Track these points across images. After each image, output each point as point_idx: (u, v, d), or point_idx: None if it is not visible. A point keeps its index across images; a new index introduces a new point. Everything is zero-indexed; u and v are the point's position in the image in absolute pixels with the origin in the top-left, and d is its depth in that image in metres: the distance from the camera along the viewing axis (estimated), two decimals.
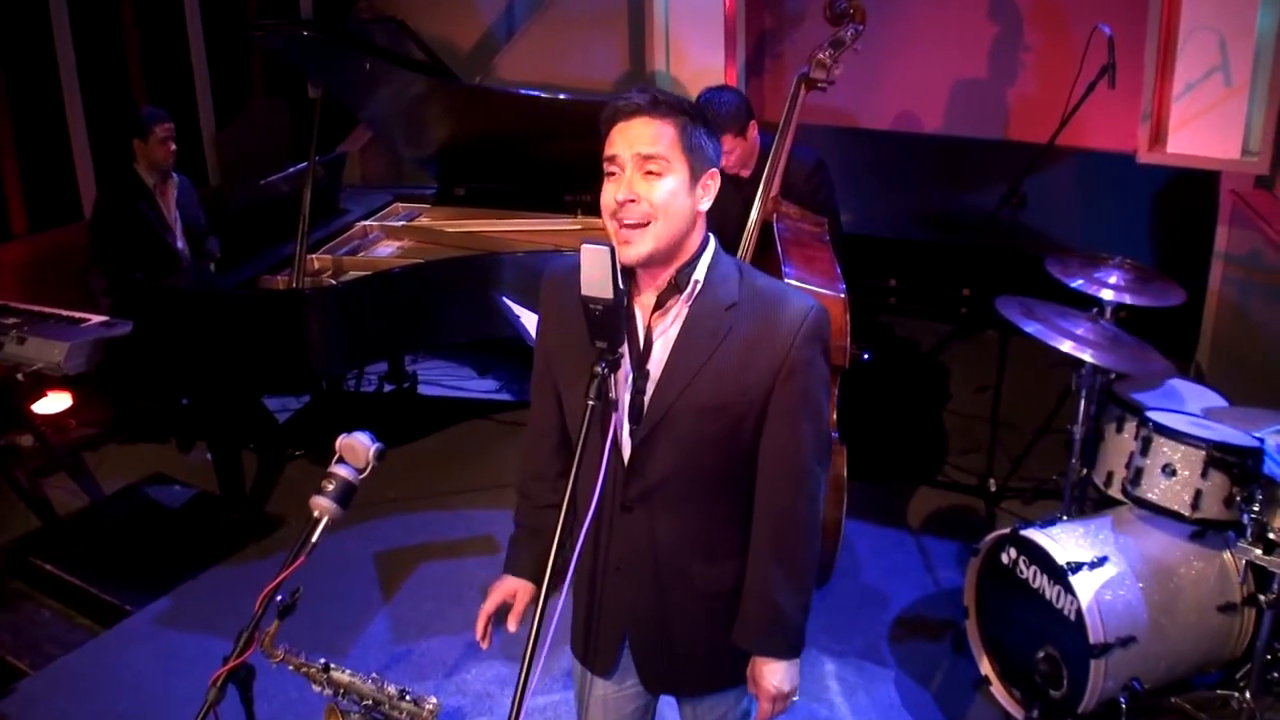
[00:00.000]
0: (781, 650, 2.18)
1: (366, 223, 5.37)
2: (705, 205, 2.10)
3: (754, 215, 4.01)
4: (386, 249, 5.23)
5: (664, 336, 2.10)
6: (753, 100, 4.16)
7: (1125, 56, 4.14)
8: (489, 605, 2.35)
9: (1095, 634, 3.20)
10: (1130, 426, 3.72)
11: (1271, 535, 3.19)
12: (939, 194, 6.36)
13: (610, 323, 1.98)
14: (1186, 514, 3.32)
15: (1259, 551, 3.14)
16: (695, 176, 2.06)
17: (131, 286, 4.71)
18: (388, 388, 6.04)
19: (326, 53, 4.61)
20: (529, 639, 1.90)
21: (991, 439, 4.88)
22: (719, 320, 2.08)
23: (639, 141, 2.02)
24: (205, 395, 4.59)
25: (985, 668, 3.64)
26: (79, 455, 4.88)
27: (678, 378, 2.08)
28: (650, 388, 2.10)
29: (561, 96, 5.12)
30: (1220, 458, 3.26)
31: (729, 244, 4.31)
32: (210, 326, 4.37)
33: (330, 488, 2.23)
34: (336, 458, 2.27)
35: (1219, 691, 3.46)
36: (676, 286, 2.09)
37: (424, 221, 5.48)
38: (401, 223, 5.44)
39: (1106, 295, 3.91)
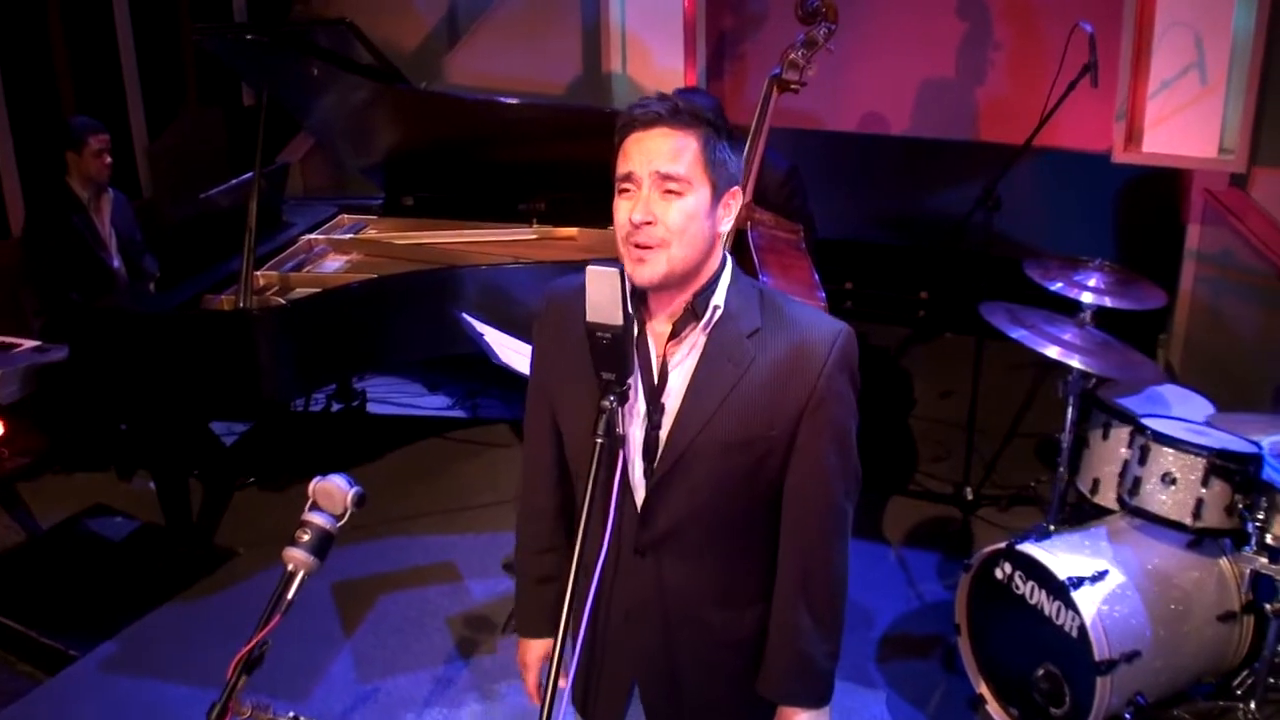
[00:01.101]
0: (810, 700, 2.02)
1: (311, 236, 5.12)
2: (726, 226, 1.92)
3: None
4: (334, 263, 5.00)
5: (680, 367, 1.92)
6: None
7: (1099, 54, 4.06)
8: (533, 683, 2.22)
9: (1100, 651, 3.10)
10: (1120, 433, 3.64)
11: (1271, 542, 3.11)
12: (895, 196, 6.27)
13: (618, 352, 1.81)
14: (1189, 523, 3.23)
15: (1265, 560, 3.05)
16: (717, 195, 1.88)
17: (67, 307, 4.43)
18: (335, 407, 5.80)
19: (271, 57, 4.37)
20: (545, 689, 1.76)
21: (968, 447, 4.78)
22: (741, 348, 1.90)
23: (658, 157, 1.84)
24: (147, 423, 4.33)
25: (980, 687, 3.52)
26: (13, 487, 4.60)
27: (698, 412, 1.90)
28: (667, 423, 1.92)
29: (514, 101, 4.94)
30: (1222, 465, 3.18)
31: None
32: (152, 350, 4.12)
33: (305, 538, 2.02)
34: (310, 503, 2.06)
35: (1222, 703, 3.38)
36: (694, 313, 1.91)
37: (372, 234, 5.25)
38: (349, 235, 5.21)
39: (1087, 298, 3.82)
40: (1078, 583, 3.16)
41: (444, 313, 4.46)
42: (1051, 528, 3.83)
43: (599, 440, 1.80)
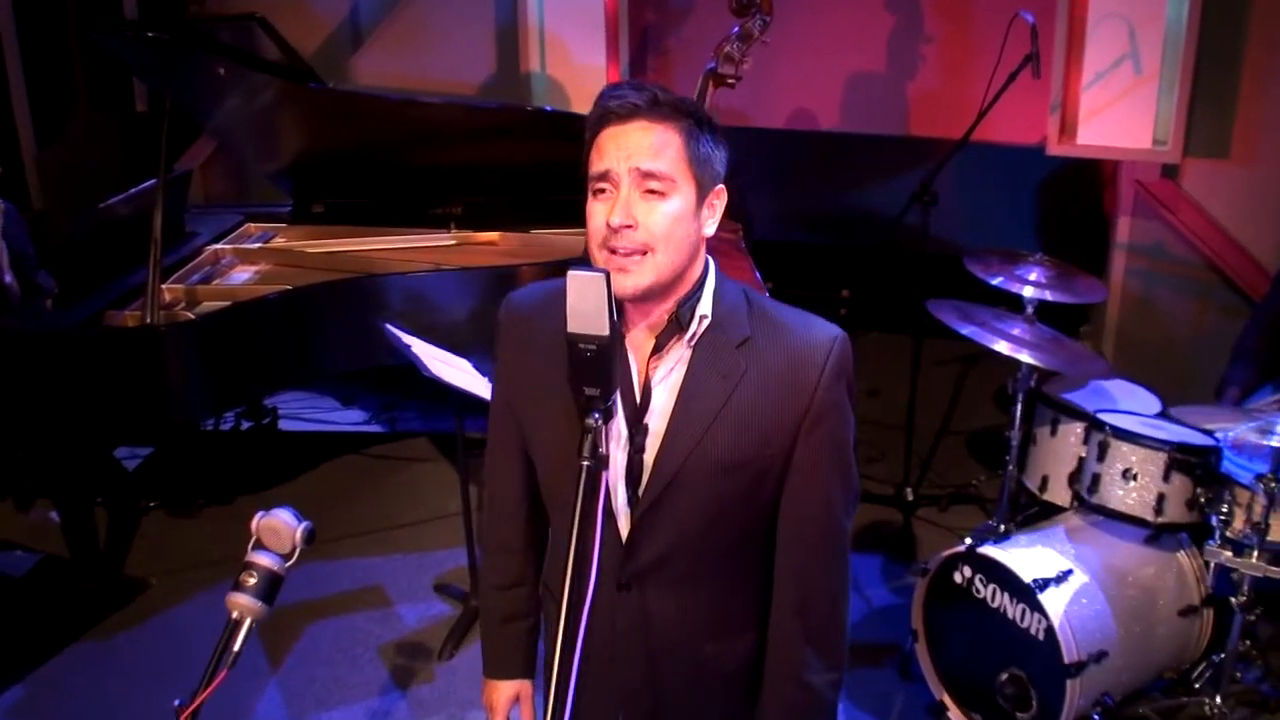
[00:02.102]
0: None
1: (217, 246, 4.85)
2: (711, 229, 1.77)
3: None
4: (243, 275, 4.73)
5: (664, 384, 1.77)
6: None
7: (1020, 46, 4.01)
8: None
9: (1070, 653, 3.03)
10: (1071, 429, 3.59)
11: (1234, 535, 3.08)
12: (814, 195, 6.20)
13: (605, 365, 1.64)
14: (1151, 519, 3.19)
15: (1229, 554, 3.01)
16: (702, 195, 1.73)
17: None
18: (245, 425, 5.50)
19: (175, 55, 4.10)
20: None
21: (907, 447, 4.71)
22: (730, 360, 1.75)
23: (638, 153, 1.68)
24: (48, 449, 4.02)
25: (941, 695, 3.43)
26: None
27: (687, 432, 1.74)
28: (652, 446, 1.76)
29: (435, 100, 4.74)
30: (1182, 459, 3.15)
31: None
32: (52, 371, 3.82)
33: (251, 581, 1.82)
34: (254, 542, 1.86)
35: (1186, 698, 3.34)
36: (677, 324, 1.75)
37: (281, 243, 5.00)
38: (257, 245, 4.94)
39: (1028, 292, 3.77)
40: (1043, 584, 3.09)
41: (365, 324, 4.25)
42: (1002, 528, 3.76)
43: (585, 463, 1.63)
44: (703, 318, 1.75)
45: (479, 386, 3.72)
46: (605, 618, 1.83)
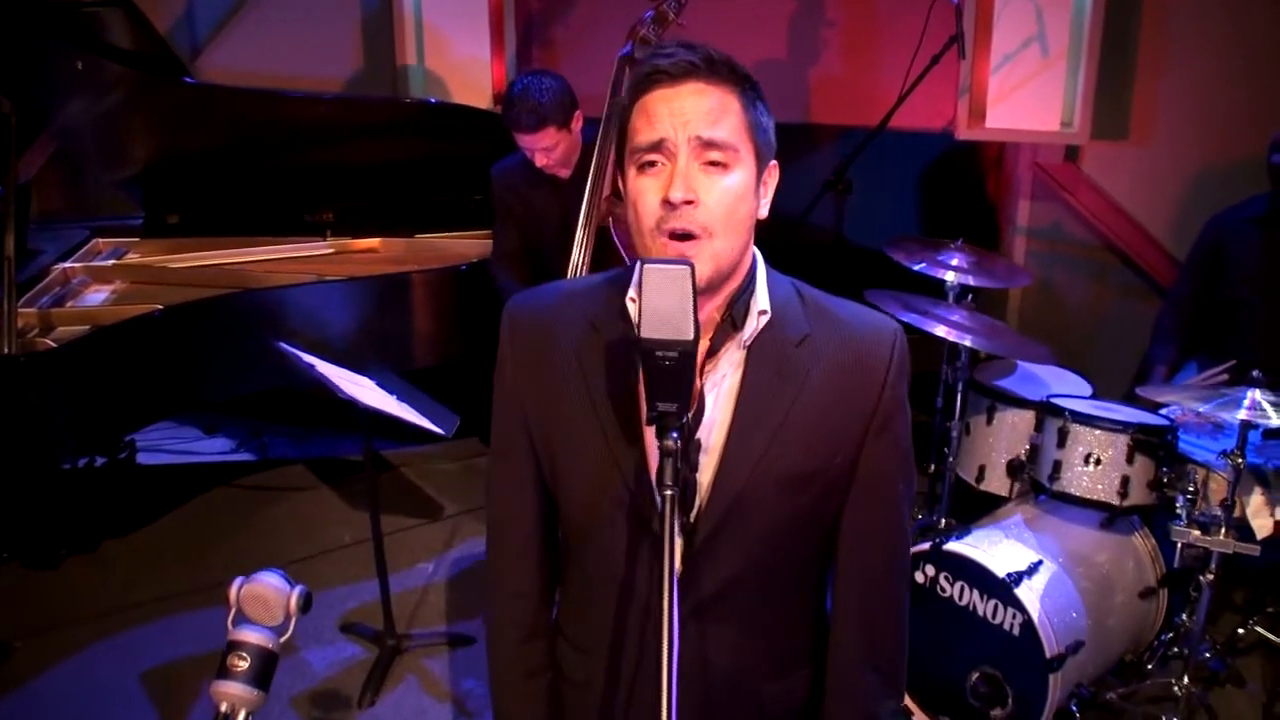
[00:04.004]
0: None
1: (66, 265, 4.37)
2: (765, 211, 1.56)
3: (583, 220, 3.49)
4: (98, 295, 4.27)
5: (718, 390, 1.55)
6: None
7: (936, 29, 3.96)
8: None
9: (1050, 647, 2.95)
10: (1012, 417, 3.53)
11: (1198, 514, 3.07)
12: None
13: (686, 375, 1.40)
14: (1116, 503, 3.14)
15: (1197, 533, 2.98)
16: (760, 169, 1.52)
17: None
18: (99, 461, 4.99)
19: (25, 46, 3.64)
20: None
21: None
22: (792, 361, 1.54)
23: (697, 118, 1.45)
24: None
25: (904, 699, 3.31)
26: None
27: (749, 446, 1.53)
28: (710, 463, 1.54)
29: (301, 95, 4.38)
30: (1144, 440, 3.11)
31: (549, 258, 3.77)
32: None
33: (241, 665, 1.54)
34: (234, 615, 1.57)
35: (1149, 681, 3.31)
36: (733, 323, 1.54)
37: (136, 258, 4.54)
38: (110, 262, 4.48)
39: (949, 278, 3.71)
40: (1017, 578, 3.00)
41: (250, 344, 3.89)
42: (943, 523, 3.69)
43: (668, 493, 1.38)
44: (763, 314, 1.55)
45: (391, 405, 3.43)
46: (653, 662, 1.60)
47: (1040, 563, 3.07)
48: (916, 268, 3.76)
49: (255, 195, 4.66)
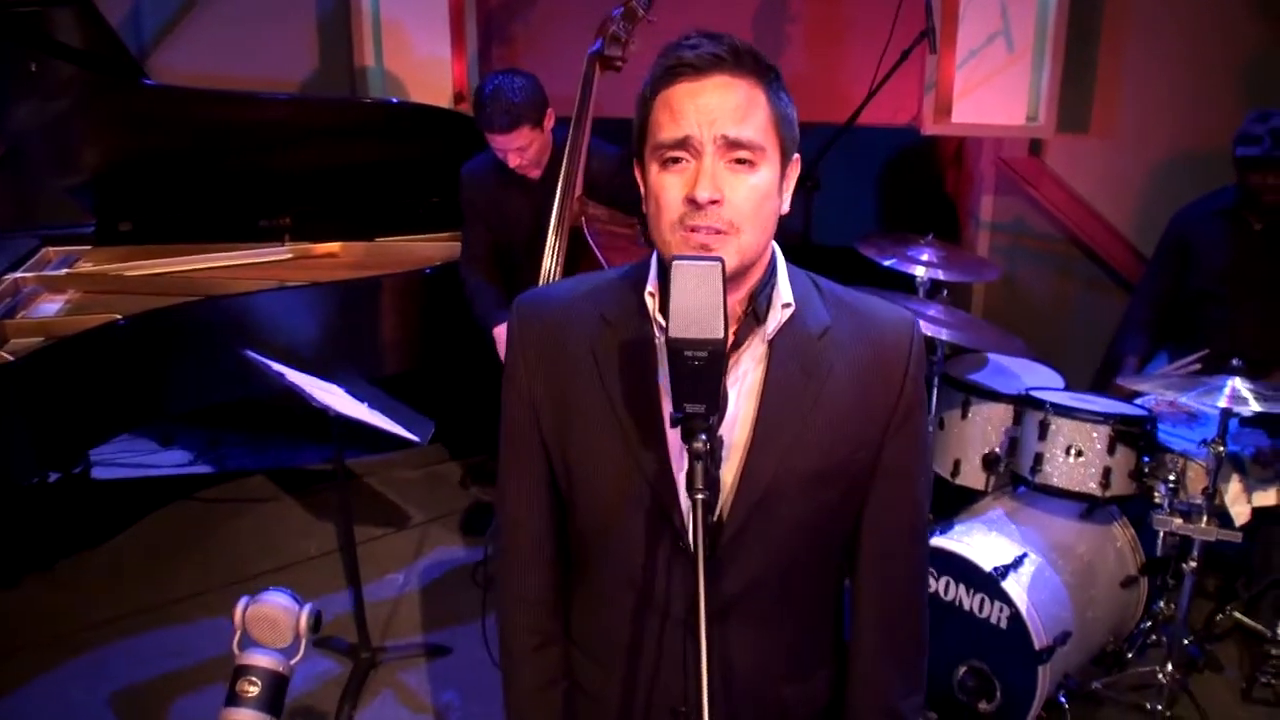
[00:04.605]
0: None
1: (16, 275, 4.24)
2: (787, 205, 1.53)
3: (554, 220, 3.44)
4: (51, 305, 4.15)
5: (739, 385, 1.51)
6: None
7: (901, 24, 3.96)
8: None
9: (1039, 639, 2.96)
10: (988, 410, 3.52)
11: (1180, 502, 3.10)
12: None
13: (715, 375, 1.37)
14: (1099, 494, 3.15)
15: (1180, 521, 3.00)
16: (784, 165, 1.49)
17: None
18: (52, 477, 4.84)
19: None
20: None
21: None
22: (814, 355, 1.52)
23: (724, 116, 1.41)
24: None
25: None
26: None
27: (773, 441, 1.51)
28: (733, 460, 1.51)
29: (259, 95, 4.30)
30: (1125, 431, 3.13)
31: (518, 259, 3.72)
32: None
33: (251, 690, 1.48)
34: (239, 638, 1.51)
35: (1136, 669, 3.34)
36: (755, 315, 1.51)
37: (89, 267, 4.41)
38: (63, 271, 4.35)
39: (919, 272, 3.71)
40: (1004, 572, 3.01)
41: (215, 353, 3.80)
42: (931, 517, 3.69)
43: (699, 496, 1.35)
44: (786, 306, 1.52)
45: (363, 413, 3.36)
46: (676, 667, 1.58)
47: (1025, 555, 3.07)
48: (887, 263, 3.76)
49: (210, 200, 4.55)
